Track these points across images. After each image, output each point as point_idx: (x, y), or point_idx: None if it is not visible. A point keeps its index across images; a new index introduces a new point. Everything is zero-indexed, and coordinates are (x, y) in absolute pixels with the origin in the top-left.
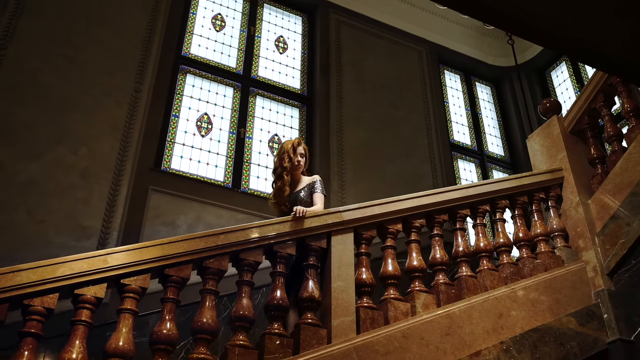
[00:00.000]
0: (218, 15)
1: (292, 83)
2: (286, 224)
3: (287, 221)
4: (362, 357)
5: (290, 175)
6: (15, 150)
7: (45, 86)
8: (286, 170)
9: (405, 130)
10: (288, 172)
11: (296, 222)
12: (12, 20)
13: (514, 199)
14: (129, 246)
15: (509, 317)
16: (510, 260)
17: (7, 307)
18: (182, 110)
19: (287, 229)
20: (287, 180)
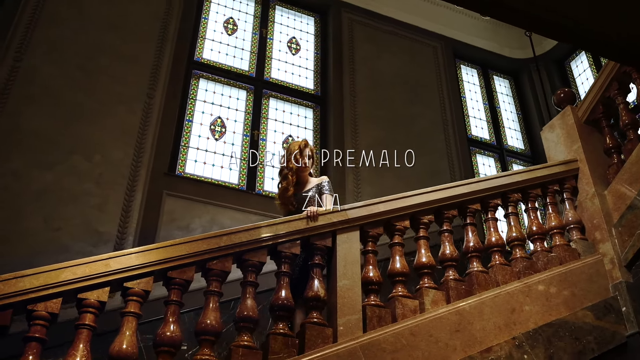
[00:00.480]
0: (230, 19)
1: (305, 84)
2: (290, 223)
3: (291, 221)
4: (369, 355)
5: (296, 176)
6: (31, 159)
7: (60, 96)
8: (291, 171)
9: (421, 127)
10: (293, 173)
11: (301, 222)
12: (26, 33)
13: (526, 192)
14: (131, 250)
15: (522, 312)
16: (523, 254)
17: (11, 312)
18: (195, 114)
19: (291, 228)
20: (292, 180)
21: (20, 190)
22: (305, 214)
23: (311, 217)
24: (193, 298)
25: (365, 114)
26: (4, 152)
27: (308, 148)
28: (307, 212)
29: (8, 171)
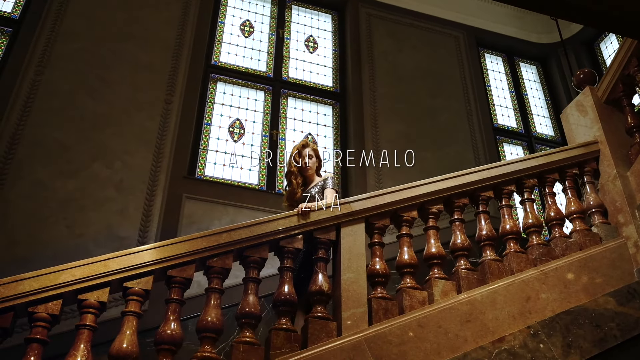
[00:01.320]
0: (246, 21)
1: (324, 81)
2: (292, 218)
3: (293, 215)
4: (374, 348)
5: (301, 177)
6: (54, 169)
7: (80, 107)
8: (294, 174)
9: (445, 119)
10: (296, 175)
11: (302, 216)
12: (46, 48)
13: (543, 177)
14: (130, 250)
15: (538, 301)
16: (540, 241)
17: (12, 315)
18: (213, 117)
19: (293, 223)
20: (297, 183)
21: (45, 199)
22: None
23: (301, 214)
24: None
25: (385, 109)
26: (29, 164)
27: (308, 148)
28: (298, 209)
29: (33, 181)
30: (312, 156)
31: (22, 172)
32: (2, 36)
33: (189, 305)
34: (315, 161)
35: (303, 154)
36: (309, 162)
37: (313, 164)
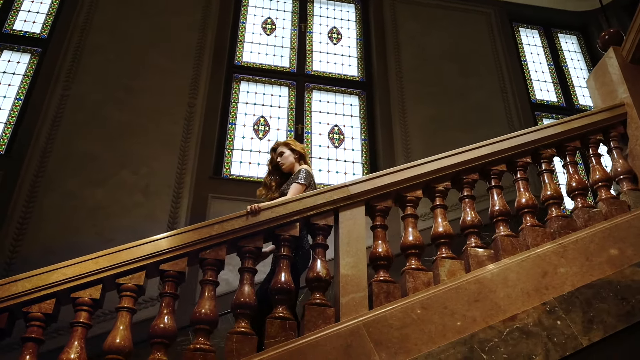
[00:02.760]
0: (268, 19)
1: (348, 72)
2: (287, 205)
3: (289, 202)
4: (373, 333)
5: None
6: (83, 179)
7: (106, 117)
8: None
9: (477, 99)
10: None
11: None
12: (73, 63)
13: (562, 146)
14: (121, 246)
15: (556, 275)
16: (559, 213)
17: (6, 316)
18: (238, 117)
19: (288, 210)
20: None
21: (75, 209)
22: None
23: (251, 212)
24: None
25: (413, 94)
26: (59, 175)
27: (280, 147)
28: (247, 208)
29: (63, 192)
30: (283, 152)
31: (53, 184)
32: (32, 56)
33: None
34: (289, 155)
35: (277, 153)
36: (281, 159)
37: (285, 158)
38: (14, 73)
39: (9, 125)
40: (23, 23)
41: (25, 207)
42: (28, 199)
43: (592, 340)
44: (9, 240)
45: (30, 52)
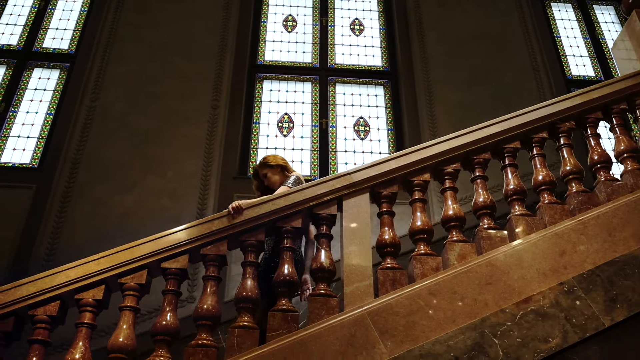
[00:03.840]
0: (289, 16)
1: (372, 62)
2: (287, 197)
3: (290, 194)
4: (378, 321)
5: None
6: (112, 186)
7: (132, 125)
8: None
9: (507, 80)
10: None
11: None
12: (99, 75)
13: (582, 118)
14: (122, 246)
15: (575, 254)
16: (580, 188)
17: (13, 320)
18: (262, 115)
19: (289, 202)
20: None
21: (105, 216)
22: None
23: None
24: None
25: (440, 79)
26: (89, 184)
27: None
28: (230, 207)
29: (93, 200)
30: (266, 174)
31: (84, 193)
32: (61, 72)
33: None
34: (272, 174)
35: (260, 175)
36: (267, 181)
37: (270, 179)
38: (45, 89)
39: (41, 140)
40: (52, 40)
41: (58, 216)
42: (60, 209)
43: (615, 320)
44: (43, 250)
45: (59, 67)
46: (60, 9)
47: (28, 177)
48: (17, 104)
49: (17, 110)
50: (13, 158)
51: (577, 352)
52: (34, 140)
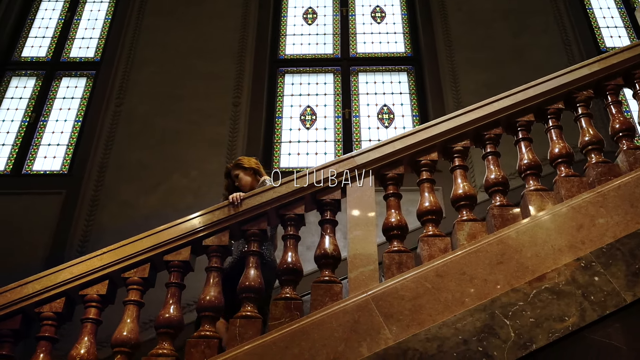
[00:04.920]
0: (309, 9)
1: (395, 49)
2: (289, 184)
3: (290, 181)
4: (383, 306)
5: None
6: (138, 188)
7: (156, 126)
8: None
9: (535, 57)
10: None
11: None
12: (123, 80)
13: (602, 85)
14: (124, 241)
15: (593, 227)
16: (599, 158)
17: (20, 317)
18: (284, 110)
19: (291, 189)
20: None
21: (131, 217)
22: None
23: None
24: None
25: (464, 61)
26: (116, 187)
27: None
28: (230, 198)
29: (120, 202)
30: (238, 174)
31: (111, 195)
32: (88, 79)
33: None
34: (244, 175)
35: (232, 175)
36: (238, 182)
37: (242, 179)
38: (73, 97)
39: (70, 147)
40: (78, 50)
41: (87, 220)
42: (89, 213)
43: (637, 296)
44: (73, 253)
45: (86, 75)
46: (86, 19)
47: (58, 183)
48: (47, 114)
49: (47, 119)
50: (44, 166)
51: (596, 330)
52: (63, 148)
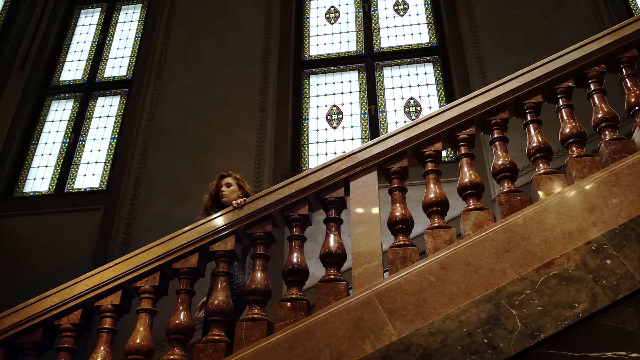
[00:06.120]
0: (331, 8)
1: (419, 40)
2: (292, 185)
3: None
4: (386, 302)
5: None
6: (171, 199)
7: (186, 137)
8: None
9: (566, 35)
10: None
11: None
12: (154, 95)
13: (616, 58)
14: (135, 251)
15: (606, 208)
16: (614, 135)
17: (41, 331)
18: (310, 111)
19: (293, 189)
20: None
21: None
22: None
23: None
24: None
25: (492, 46)
26: (150, 199)
27: (228, 178)
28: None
29: (155, 214)
30: (231, 184)
31: (146, 208)
32: (121, 97)
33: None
34: (235, 190)
35: (221, 183)
36: (225, 190)
37: (231, 192)
38: (108, 116)
39: (107, 163)
40: (112, 69)
41: (125, 233)
42: (126, 226)
43: None
44: None
45: (120, 93)
46: (117, 39)
47: (97, 199)
48: (85, 133)
49: (85, 139)
50: (84, 183)
51: (608, 315)
52: (101, 165)
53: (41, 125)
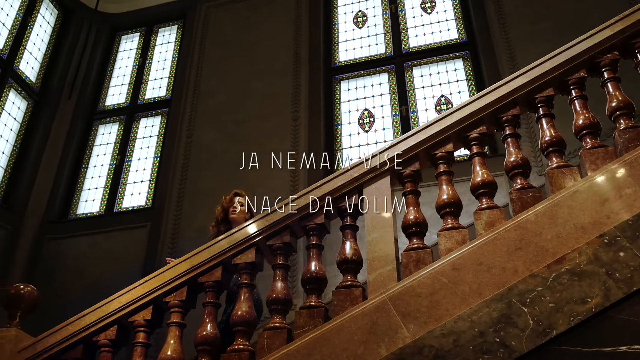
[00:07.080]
0: (359, 12)
1: (448, 36)
2: (307, 195)
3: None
4: (400, 305)
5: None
6: (210, 213)
7: (222, 152)
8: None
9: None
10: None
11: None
12: (192, 112)
13: (629, 44)
14: (164, 268)
15: (620, 199)
16: (629, 123)
17: (82, 348)
18: (342, 116)
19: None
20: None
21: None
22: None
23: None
24: None
25: (522, 36)
26: (192, 214)
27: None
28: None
29: (197, 228)
30: (243, 204)
31: (188, 223)
32: (162, 117)
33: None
34: (244, 210)
35: (234, 200)
36: (238, 208)
37: (242, 212)
38: (150, 136)
39: (152, 182)
40: (152, 91)
41: (170, 247)
42: (171, 241)
43: None
44: None
45: (160, 113)
46: (156, 61)
47: (144, 216)
48: (130, 154)
49: (131, 159)
50: (132, 202)
51: (622, 309)
52: (146, 183)
53: (90, 150)
